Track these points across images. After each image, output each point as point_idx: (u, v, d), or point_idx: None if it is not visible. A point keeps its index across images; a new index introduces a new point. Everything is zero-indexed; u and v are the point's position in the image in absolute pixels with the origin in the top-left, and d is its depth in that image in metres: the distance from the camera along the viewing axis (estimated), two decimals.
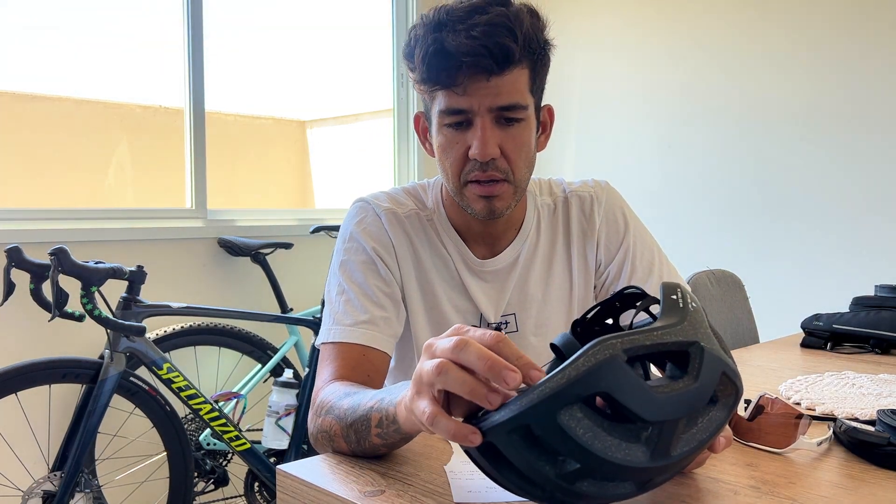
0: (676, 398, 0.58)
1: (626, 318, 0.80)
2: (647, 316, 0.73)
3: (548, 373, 0.76)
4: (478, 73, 0.97)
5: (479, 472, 0.76)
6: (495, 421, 0.59)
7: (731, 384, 0.63)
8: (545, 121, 1.12)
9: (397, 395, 0.74)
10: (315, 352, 2.42)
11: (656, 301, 0.68)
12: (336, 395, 0.89)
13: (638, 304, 0.74)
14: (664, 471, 0.61)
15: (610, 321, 0.79)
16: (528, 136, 1.05)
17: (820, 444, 0.85)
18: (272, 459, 2.30)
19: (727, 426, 0.67)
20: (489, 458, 0.62)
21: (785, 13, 2.69)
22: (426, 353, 0.66)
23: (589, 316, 0.78)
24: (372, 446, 0.79)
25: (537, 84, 1.05)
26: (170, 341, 2.33)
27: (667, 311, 0.63)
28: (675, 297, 0.64)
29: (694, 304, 0.64)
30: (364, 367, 1.02)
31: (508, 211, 1.07)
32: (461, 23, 0.97)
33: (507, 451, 0.59)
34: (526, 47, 0.99)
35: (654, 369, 0.78)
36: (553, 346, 0.75)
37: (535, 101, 1.06)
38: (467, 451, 0.64)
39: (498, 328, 1.15)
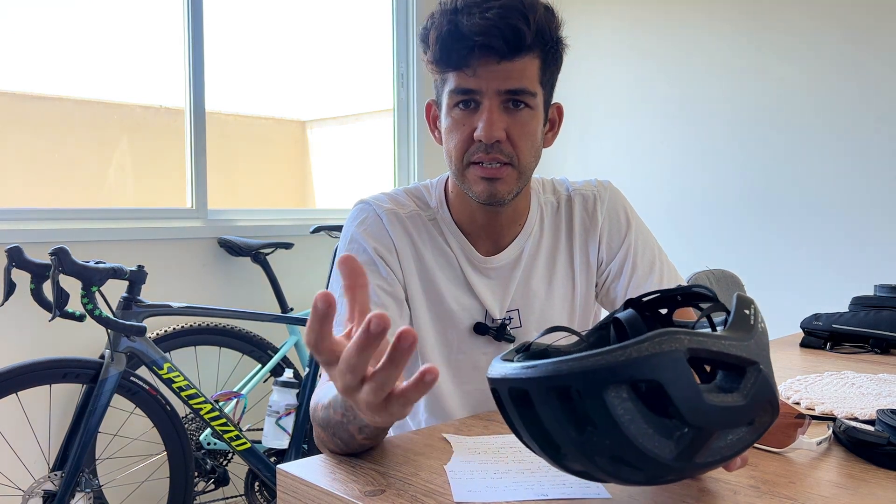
0: (722, 410, 0.58)
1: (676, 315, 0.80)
2: (706, 320, 0.73)
3: (586, 342, 0.76)
4: (489, 55, 0.99)
5: (480, 471, 0.76)
6: (539, 373, 0.58)
7: (770, 413, 0.63)
8: (553, 118, 1.13)
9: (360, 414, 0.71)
10: None
11: (724, 309, 0.67)
12: (315, 399, 0.91)
13: (704, 305, 0.73)
14: (679, 472, 0.61)
15: (664, 311, 0.78)
16: (534, 125, 1.06)
17: (820, 443, 0.85)
18: (272, 459, 2.30)
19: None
20: (518, 406, 0.61)
21: (784, 14, 2.69)
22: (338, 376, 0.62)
23: (644, 300, 0.77)
24: (361, 446, 0.82)
25: (547, 77, 1.06)
26: (170, 341, 2.33)
27: (737, 323, 0.62)
28: (748, 311, 0.63)
29: (762, 325, 0.63)
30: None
31: (510, 197, 1.07)
32: (476, 7, 0.99)
33: (539, 406, 0.59)
34: (538, 35, 1.00)
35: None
36: (615, 320, 0.74)
37: (545, 95, 1.07)
38: (495, 392, 0.63)
39: (503, 324, 1.15)
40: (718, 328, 0.71)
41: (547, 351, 0.74)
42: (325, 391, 0.89)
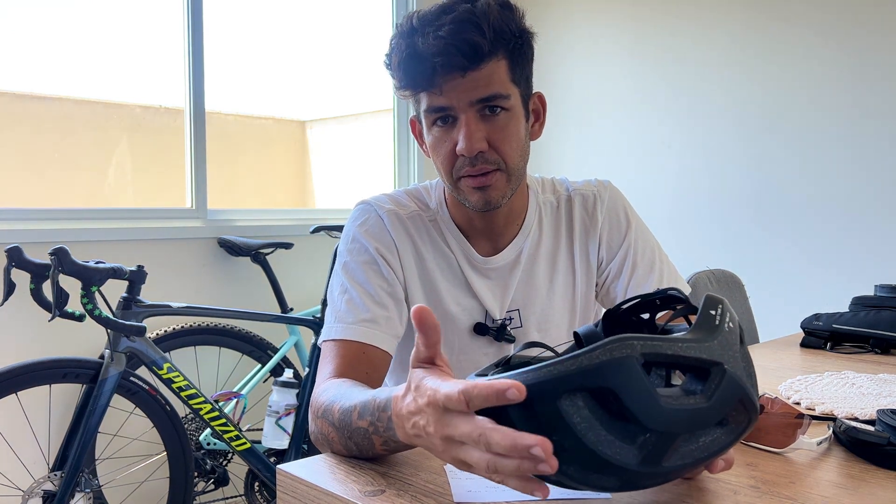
0: (682, 413, 0.58)
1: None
2: (685, 322, 0.73)
3: (558, 356, 0.77)
4: (451, 72, 0.99)
5: None
6: None
7: (745, 413, 0.62)
8: (537, 108, 1.13)
9: (397, 428, 0.72)
10: (316, 351, 2.43)
11: (696, 311, 0.67)
12: (329, 398, 0.88)
13: (677, 307, 0.73)
14: (651, 477, 0.60)
15: (646, 316, 0.78)
16: (515, 126, 1.05)
17: (820, 443, 0.85)
18: (272, 459, 2.30)
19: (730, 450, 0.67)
20: (490, 418, 0.61)
21: (785, 13, 2.69)
22: (448, 443, 0.63)
23: (623, 307, 0.77)
24: (376, 454, 0.80)
25: (519, 73, 1.05)
26: (170, 341, 2.33)
27: (700, 324, 0.62)
28: (713, 312, 0.63)
29: (730, 325, 0.63)
30: (363, 364, 1.02)
31: (505, 200, 1.08)
32: (430, 25, 0.99)
33: (503, 420, 0.59)
34: (497, 39, 0.99)
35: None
36: (575, 334, 0.75)
37: (521, 91, 1.06)
38: None
39: (503, 325, 1.15)
40: None
41: (529, 364, 0.74)
42: (344, 393, 0.87)
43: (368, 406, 0.78)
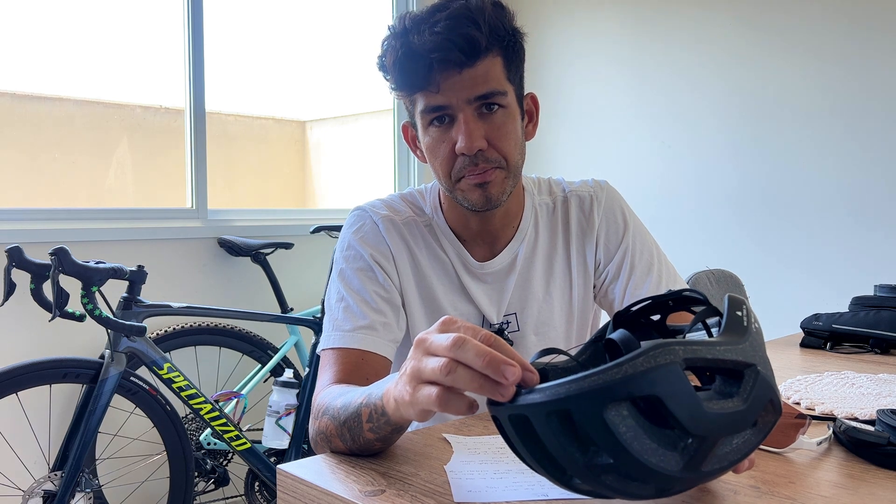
0: (724, 417, 0.58)
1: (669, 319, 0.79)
2: (699, 324, 0.72)
3: (577, 361, 0.76)
4: (449, 68, 0.99)
5: (479, 471, 0.76)
6: (537, 399, 0.58)
7: (773, 412, 0.62)
8: (530, 109, 1.13)
9: (383, 388, 0.75)
10: (315, 352, 2.43)
11: (717, 313, 0.67)
12: (331, 396, 0.89)
13: (696, 309, 0.72)
14: (687, 482, 0.60)
15: (656, 317, 0.77)
16: (512, 123, 1.05)
17: (820, 443, 0.85)
18: (272, 459, 2.30)
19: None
20: (519, 432, 0.61)
21: (786, 11, 2.69)
22: (419, 348, 0.65)
23: (634, 309, 0.77)
24: (366, 441, 0.80)
25: (513, 72, 1.06)
26: (170, 341, 2.33)
27: (730, 326, 0.62)
28: (740, 313, 0.63)
29: (756, 325, 0.63)
30: (363, 371, 1.02)
31: (504, 198, 1.07)
32: (424, 23, 0.98)
33: (541, 431, 0.59)
34: (493, 35, 1.00)
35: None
36: (609, 340, 0.74)
37: (515, 90, 1.06)
38: (496, 419, 0.64)
39: (501, 328, 1.15)
40: (713, 330, 0.70)
41: (545, 370, 0.73)
42: (348, 389, 0.88)
43: (369, 387, 0.80)
